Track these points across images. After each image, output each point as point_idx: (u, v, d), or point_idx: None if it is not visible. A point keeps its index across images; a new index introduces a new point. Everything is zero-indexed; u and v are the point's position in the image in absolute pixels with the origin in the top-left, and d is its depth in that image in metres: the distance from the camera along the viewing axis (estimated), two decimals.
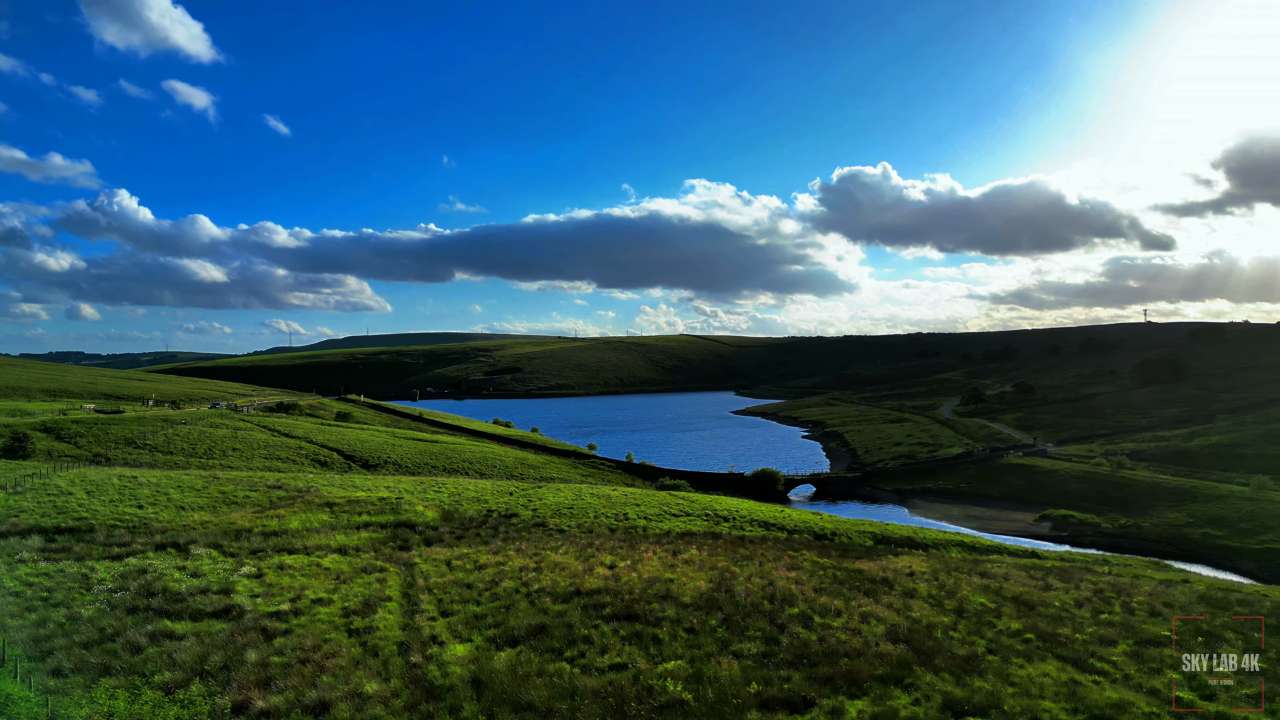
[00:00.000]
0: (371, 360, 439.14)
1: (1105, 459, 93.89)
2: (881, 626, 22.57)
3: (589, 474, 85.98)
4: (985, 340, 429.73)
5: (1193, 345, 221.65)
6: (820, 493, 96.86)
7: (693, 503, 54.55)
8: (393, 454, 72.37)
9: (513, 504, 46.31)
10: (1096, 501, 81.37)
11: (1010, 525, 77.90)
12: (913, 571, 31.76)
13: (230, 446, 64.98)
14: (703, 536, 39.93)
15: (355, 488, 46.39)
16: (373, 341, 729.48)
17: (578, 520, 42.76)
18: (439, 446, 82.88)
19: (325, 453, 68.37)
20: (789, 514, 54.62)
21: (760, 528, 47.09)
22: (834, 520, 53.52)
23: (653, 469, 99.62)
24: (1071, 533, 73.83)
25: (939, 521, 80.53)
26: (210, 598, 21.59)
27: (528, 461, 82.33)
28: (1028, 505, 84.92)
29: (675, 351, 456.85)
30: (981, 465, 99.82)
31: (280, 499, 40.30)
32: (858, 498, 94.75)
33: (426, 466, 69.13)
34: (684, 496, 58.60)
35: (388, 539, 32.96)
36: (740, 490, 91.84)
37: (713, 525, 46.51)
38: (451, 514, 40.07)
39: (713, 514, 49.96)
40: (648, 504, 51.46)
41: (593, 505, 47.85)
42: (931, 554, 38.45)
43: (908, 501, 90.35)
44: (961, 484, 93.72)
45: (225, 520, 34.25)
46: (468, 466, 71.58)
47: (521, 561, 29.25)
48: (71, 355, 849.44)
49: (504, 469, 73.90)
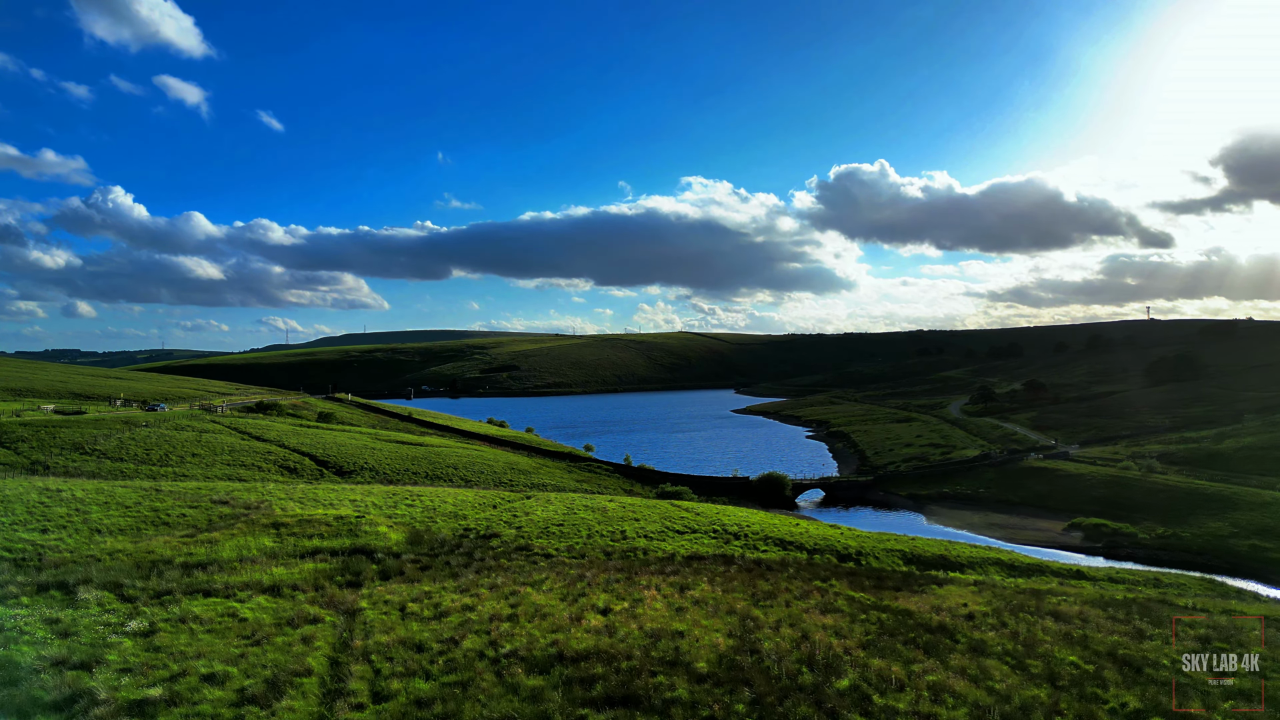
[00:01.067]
0: (366, 358, 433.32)
1: (1133, 462, 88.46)
2: (963, 709, 17.00)
3: (584, 479, 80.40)
4: (987, 337, 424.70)
5: (1204, 343, 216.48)
6: (830, 498, 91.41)
7: (698, 515, 48.98)
8: (371, 459, 66.71)
9: (495, 520, 40.69)
10: (1128, 509, 75.98)
11: (1038, 535, 72.44)
12: (971, 613, 26.18)
13: (191, 452, 59.34)
14: (713, 561, 34.36)
15: (316, 502, 40.75)
16: (370, 339, 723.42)
17: (568, 541, 37.16)
18: (424, 450, 77.19)
19: (296, 458, 62.72)
20: (805, 528, 49.10)
21: (776, 547, 41.54)
22: (855, 536, 47.97)
23: (652, 473, 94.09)
24: (1106, 544, 68.39)
25: (960, 531, 75.14)
26: (63, 676, 15.99)
27: (518, 466, 76.69)
28: (1053, 512, 79.52)
29: (674, 349, 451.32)
30: (1000, 469, 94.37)
31: (222, 518, 34.66)
32: (870, 503, 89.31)
33: (406, 473, 63.49)
34: (688, 507, 53.04)
35: (337, 570, 27.34)
36: (746, 496, 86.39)
37: (722, 544, 40.95)
38: (421, 535, 34.43)
39: (721, 530, 44.38)
40: (648, 518, 45.89)
41: (586, 521, 42.25)
42: (982, 586, 32.89)
43: (924, 508, 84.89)
44: (980, 489, 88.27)
45: (144, 548, 28.62)
46: (452, 473, 65.94)
47: (494, 605, 23.65)
48: (67, 353, 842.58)
49: (492, 475, 68.30)
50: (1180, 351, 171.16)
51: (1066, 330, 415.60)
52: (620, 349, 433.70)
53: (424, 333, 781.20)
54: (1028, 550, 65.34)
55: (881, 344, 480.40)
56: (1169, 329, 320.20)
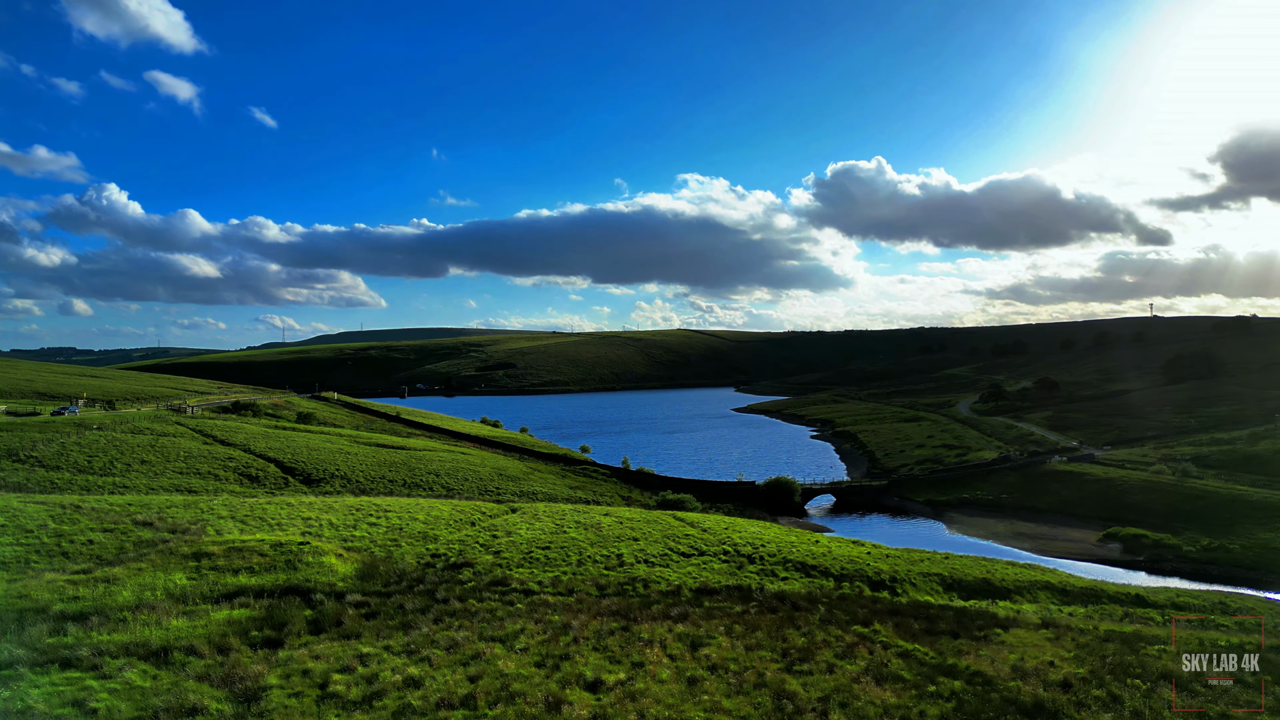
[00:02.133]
0: (361, 355, 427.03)
1: (1165, 465, 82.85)
2: None
3: (579, 485, 74.61)
4: (990, 335, 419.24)
5: (1217, 340, 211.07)
6: (841, 504, 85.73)
7: (704, 533, 43.27)
8: (344, 465, 60.90)
9: (470, 543, 34.92)
10: (1165, 516, 70.39)
11: (1071, 546, 66.80)
12: (1066, 679, 20.39)
13: (140, 459, 53.53)
14: (727, 596, 28.65)
15: (262, 521, 34.95)
16: (367, 337, 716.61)
17: (555, 569, 31.39)
18: (404, 454, 71.36)
19: (260, 465, 56.90)
20: (826, 546, 43.39)
21: (798, 573, 35.81)
22: (883, 556, 42.26)
23: (652, 477, 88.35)
24: (1148, 557, 62.78)
25: (985, 541, 69.52)
26: None
27: (507, 472, 70.88)
28: (1084, 520, 73.92)
29: (672, 346, 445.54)
30: (1022, 472, 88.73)
31: (137, 545, 28.87)
32: (885, 510, 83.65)
33: (381, 481, 57.69)
34: (692, 521, 47.34)
35: (258, 621, 21.59)
36: (753, 502, 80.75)
37: (735, 570, 35.24)
38: (375, 567, 28.64)
39: (733, 551, 38.65)
40: (648, 535, 40.17)
41: (577, 542, 36.50)
42: (1054, 628, 27.12)
43: (943, 515, 79.23)
44: (1002, 494, 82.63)
45: (16, 592, 22.83)
46: (433, 481, 60.13)
47: (448, 678, 17.90)
48: (63, 351, 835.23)
49: (477, 483, 62.49)
50: (1198, 348, 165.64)
51: (1071, 327, 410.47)
52: (618, 346, 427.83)
53: (422, 330, 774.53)
54: (1063, 565, 59.82)
55: (882, 341, 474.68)
56: (1177, 326, 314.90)
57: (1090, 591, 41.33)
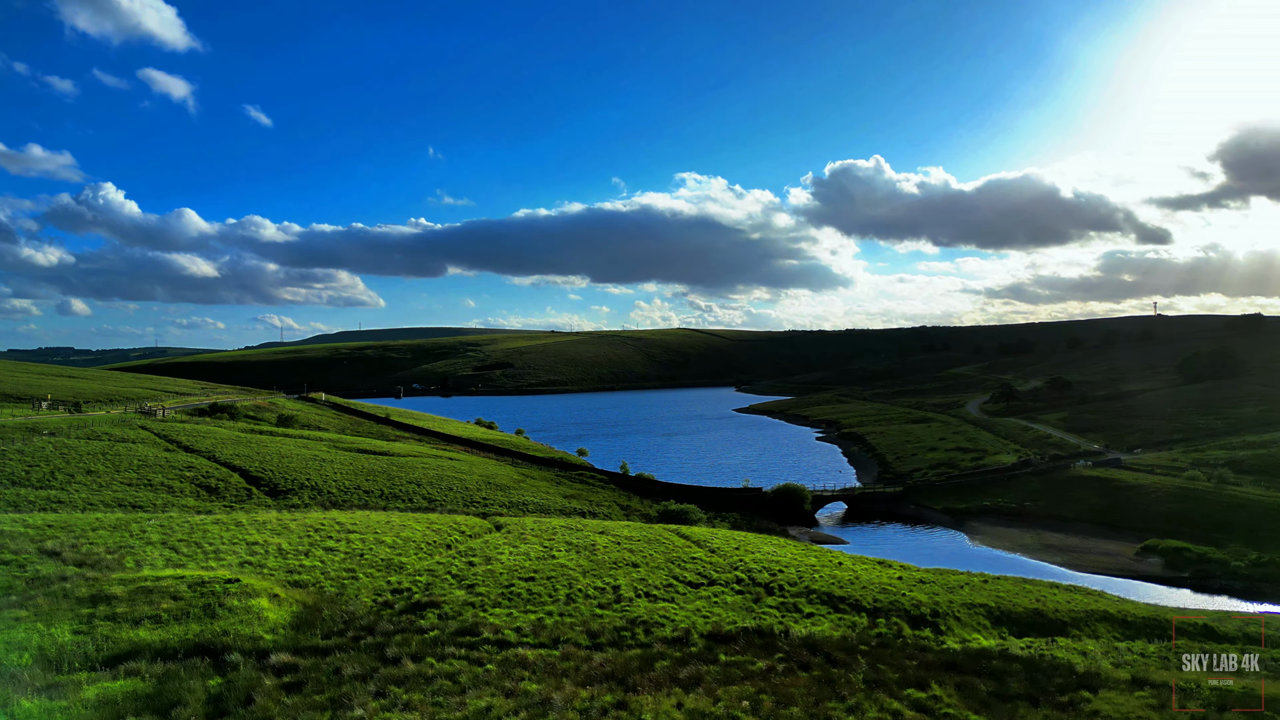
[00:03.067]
0: (357, 355, 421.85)
1: (1200, 471, 77.81)
2: None
3: (575, 493, 69.53)
4: (994, 333, 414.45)
5: (1230, 338, 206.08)
6: (854, 512, 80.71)
7: (713, 553, 38.22)
8: (317, 474, 55.76)
9: (442, 573, 29.82)
10: (1206, 527, 65.41)
11: (1107, 560, 61.75)
12: None
13: (87, 468, 48.42)
14: (746, 645, 23.60)
15: (198, 548, 29.86)
16: (365, 336, 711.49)
17: (538, 609, 26.32)
18: (386, 461, 66.23)
19: (222, 474, 51.78)
20: (851, 569, 38.32)
21: (825, 607, 30.74)
22: (917, 583, 37.17)
23: (652, 483, 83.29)
24: (1193, 573, 57.73)
25: (1013, 554, 64.51)
26: None
27: (496, 479, 65.74)
28: (1117, 531, 68.90)
29: (672, 345, 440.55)
30: (1045, 478, 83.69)
31: (31, 583, 23.81)
32: (900, 518, 78.62)
33: (356, 492, 52.58)
34: (699, 538, 42.32)
35: (140, 701, 16.51)
36: (760, 510, 75.72)
37: (751, 603, 30.18)
38: (318, 611, 23.54)
39: (747, 579, 33.58)
40: (649, 560, 35.11)
41: (567, 570, 31.42)
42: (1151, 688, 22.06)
43: (964, 525, 74.17)
44: (1025, 501, 77.58)
45: None
46: (413, 491, 54.99)
47: None
48: (60, 351, 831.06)
49: (462, 493, 57.36)
50: (1215, 347, 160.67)
51: (1077, 326, 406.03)
52: (617, 346, 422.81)
53: (420, 330, 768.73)
54: (1100, 582, 54.80)
55: (884, 340, 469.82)
56: (1185, 324, 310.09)
57: (1153, 623, 36.28)
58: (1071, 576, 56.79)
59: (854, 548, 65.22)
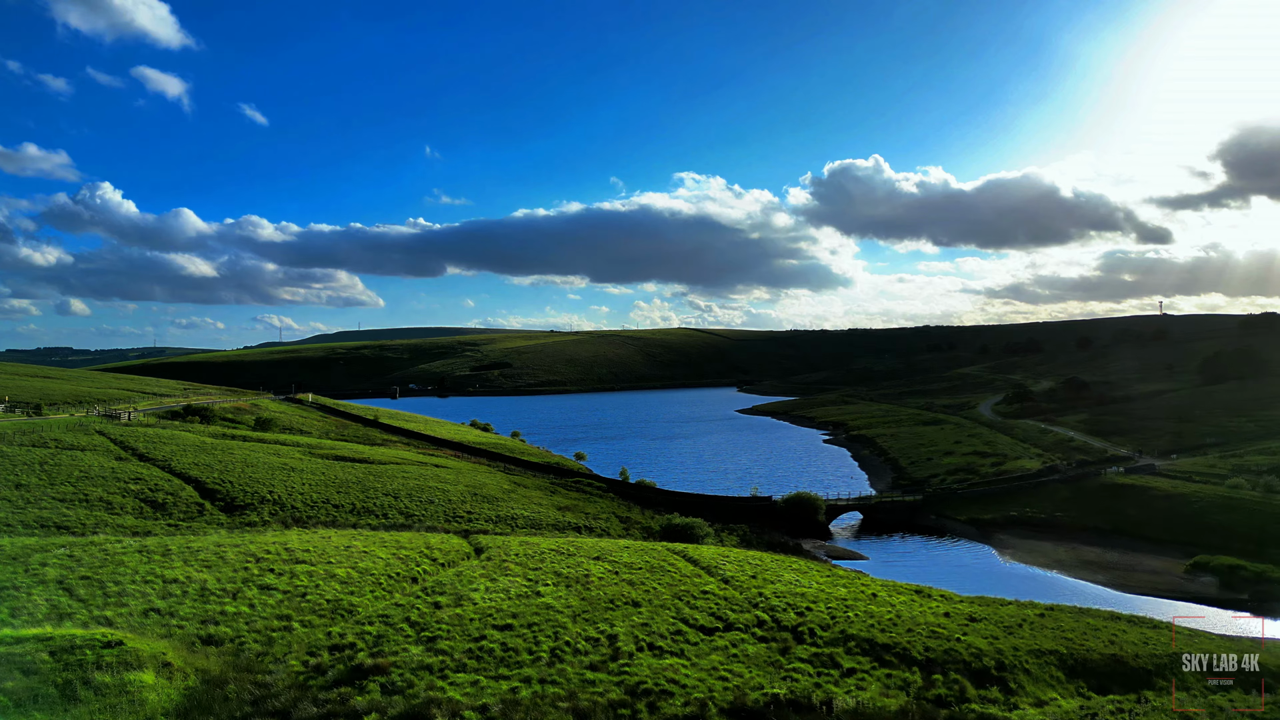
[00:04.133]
0: (353, 355, 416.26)
1: (1243, 479, 72.23)
2: None
3: (569, 504, 64.01)
4: (1001, 333, 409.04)
5: (1248, 337, 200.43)
6: (870, 522, 75.21)
7: (726, 584, 32.77)
8: (283, 485, 50.24)
9: (397, 622, 24.30)
10: (1256, 541, 59.98)
11: (1154, 580, 56.20)
12: None
13: (20, 479, 42.95)
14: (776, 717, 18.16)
15: (99, 588, 24.39)
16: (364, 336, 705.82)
17: (514, 677, 20.79)
18: (364, 469, 60.70)
19: (174, 486, 46.31)
20: (887, 600, 32.85)
21: (867, 659, 25.22)
22: (968, 621, 31.64)
23: (654, 492, 77.76)
24: (1252, 594, 52.21)
25: (1049, 572, 59.01)
26: None
27: (484, 489, 60.18)
28: (1159, 545, 63.39)
29: (673, 345, 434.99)
30: (1074, 486, 78.16)
31: None
32: (920, 529, 73.11)
33: (324, 506, 47.04)
34: (709, 564, 36.88)
35: None
36: (771, 521, 70.22)
37: (779, 655, 24.67)
38: (221, 684, 18.06)
39: (769, 619, 28.09)
40: (653, 596, 29.66)
41: (553, 614, 25.94)
42: None
43: (991, 538, 68.66)
44: (1056, 512, 72.07)
45: None
46: (388, 505, 49.43)
47: None
48: (59, 351, 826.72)
49: (444, 506, 51.79)
50: (1238, 346, 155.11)
51: (1086, 325, 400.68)
52: (617, 345, 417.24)
53: (419, 330, 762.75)
54: (1152, 605, 49.35)
55: (887, 340, 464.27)
56: (1199, 323, 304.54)
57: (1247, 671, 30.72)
58: (1119, 599, 51.33)
59: (875, 565, 59.74)
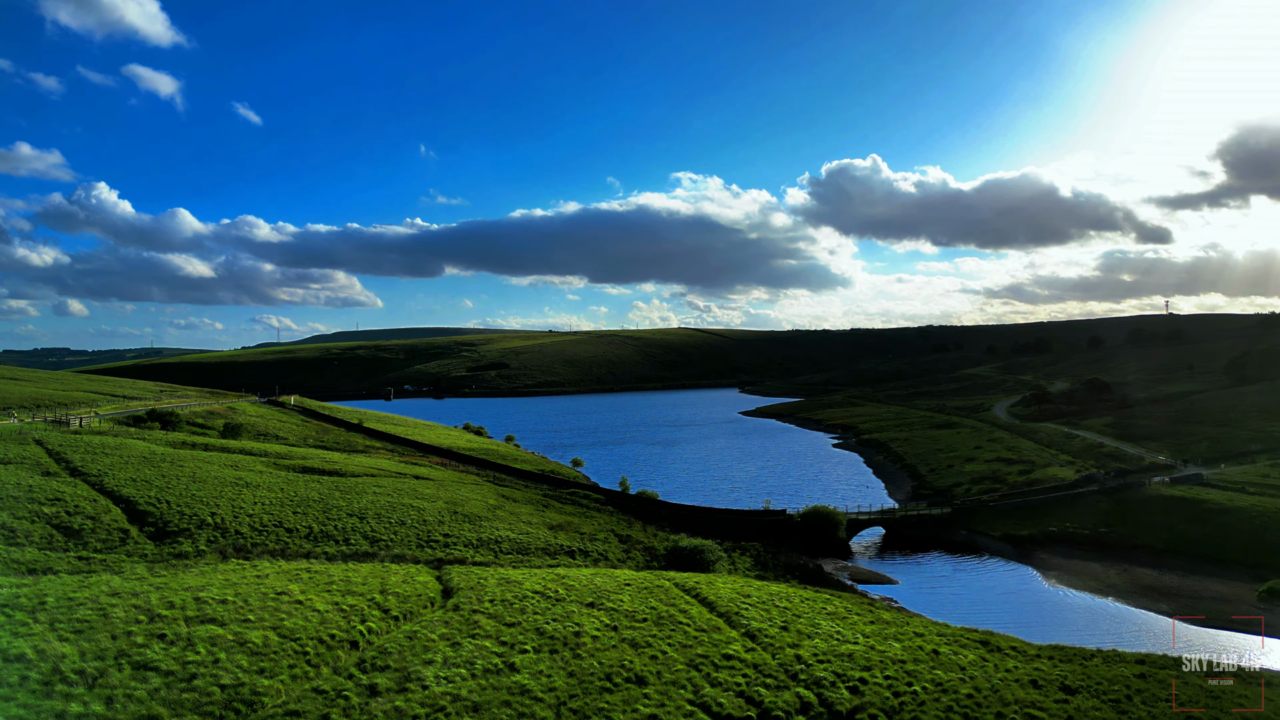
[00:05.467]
0: (348, 355, 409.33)
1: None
2: None
3: (563, 521, 57.29)
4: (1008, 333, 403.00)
5: (1268, 336, 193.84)
6: (894, 537, 68.58)
7: (754, 641, 26.18)
8: (231, 504, 43.52)
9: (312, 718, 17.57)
10: None
11: (1226, 609, 49.41)
12: None
13: None
14: None
15: None
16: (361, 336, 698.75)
17: None
18: (332, 483, 53.94)
19: (99, 507, 39.63)
20: (951, 660, 26.24)
21: None
22: (1063, 690, 24.95)
23: (656, 505, 71.15)
24: None
25: (1102, 598, 52.46)
26: None
27: (466, 507, 53.36)
28: (1222, 567, 56.72)
29: (673, 345, 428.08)
30: (1115, 498, 71.52)
31: None
32: (950, 546, 66.48)
33: (273, 531, 40.35)
34: (729, 608, 30.26)
35: None
36: (786, 539, 63.59)
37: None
38: None
39: (815, 698, 21.45)
40: (664, 664, 23.05)
41: (530, 705, 19.26)
42: None
43: (1031, 557, 62.00)
44: (1100, 527, 65.46)
45: None
46: (352, 528, 42.67)
47: None
48: (56, 352, 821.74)
49: (417, 527, 45.02)
50: (1266, 345, 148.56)
51: (1095, 325, 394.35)
52: (617, 345, 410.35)
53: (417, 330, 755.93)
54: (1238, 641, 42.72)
55: (891, 340, 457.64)
56: (1215, 323, 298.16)
57: None
58: (1192, 633, 44.70)
59: (908, 591, 53.11)
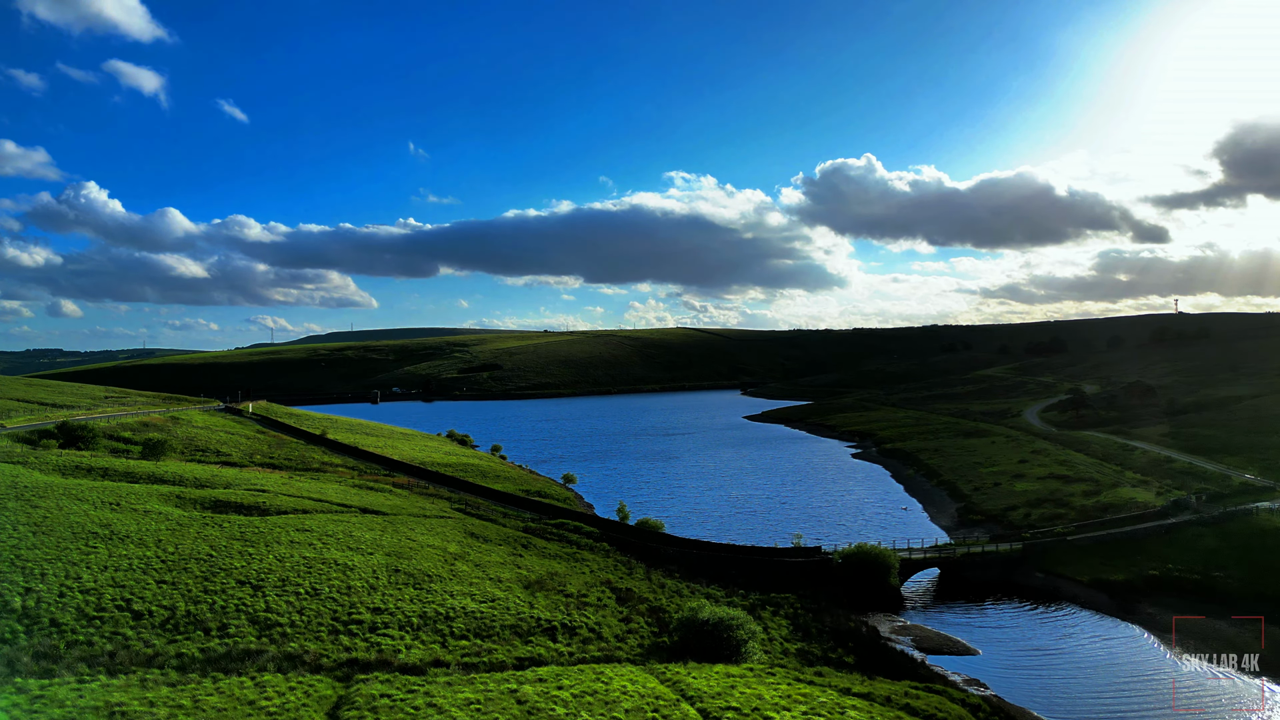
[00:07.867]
0: (336, 356, 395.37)
1: None
2: None
3: (545, 573, 44.45)
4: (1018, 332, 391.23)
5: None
6: (952, 579, 55.98)
7: None
8: (67, 571, 30.80)
9: None
10: None
11: None
12: None
13: None
14: None
15: None
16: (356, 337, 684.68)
17: None
18: (240, 528, 41.07)
19: None
20: None
21: None
22: None
23: (662, 540, 58.48)
24: None
25: (1249, 678, 39.62)
26: None
27: (417, 558, 40.39)
28: None
29: (671, 346, 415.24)
30: (1219, 530, 59.04)
31: None
32: (1024, 593, 53.87)
33: (112, 618, 27.54)
34: None
35: None
36: (824, 582, 50.94)
37: None
38: None
39: None
40: None
41: None
42: None
43: (1135, 611, 49.35)
44: (1212, 570, 52.87)
45: None
46: (238, 605, 29.82)
47: None
48: (49, 353, 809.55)
49: (336, 599, 32.21)
50: None
51: (1113, 324, 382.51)
52: (614, 346, 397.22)
53: (412, 330, 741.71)
54: None
55: (896, 340, 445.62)
56: (1236, 321, 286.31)
57: None
58: None
59: (996, 671, 40.38)
